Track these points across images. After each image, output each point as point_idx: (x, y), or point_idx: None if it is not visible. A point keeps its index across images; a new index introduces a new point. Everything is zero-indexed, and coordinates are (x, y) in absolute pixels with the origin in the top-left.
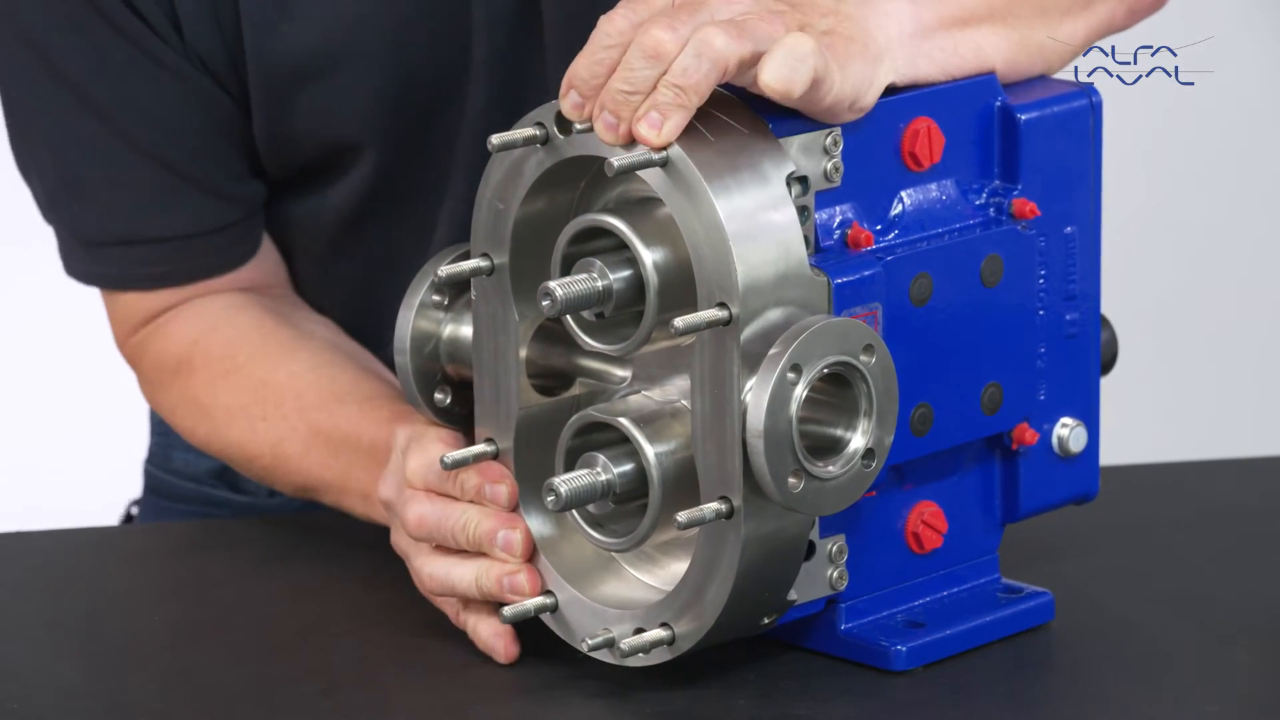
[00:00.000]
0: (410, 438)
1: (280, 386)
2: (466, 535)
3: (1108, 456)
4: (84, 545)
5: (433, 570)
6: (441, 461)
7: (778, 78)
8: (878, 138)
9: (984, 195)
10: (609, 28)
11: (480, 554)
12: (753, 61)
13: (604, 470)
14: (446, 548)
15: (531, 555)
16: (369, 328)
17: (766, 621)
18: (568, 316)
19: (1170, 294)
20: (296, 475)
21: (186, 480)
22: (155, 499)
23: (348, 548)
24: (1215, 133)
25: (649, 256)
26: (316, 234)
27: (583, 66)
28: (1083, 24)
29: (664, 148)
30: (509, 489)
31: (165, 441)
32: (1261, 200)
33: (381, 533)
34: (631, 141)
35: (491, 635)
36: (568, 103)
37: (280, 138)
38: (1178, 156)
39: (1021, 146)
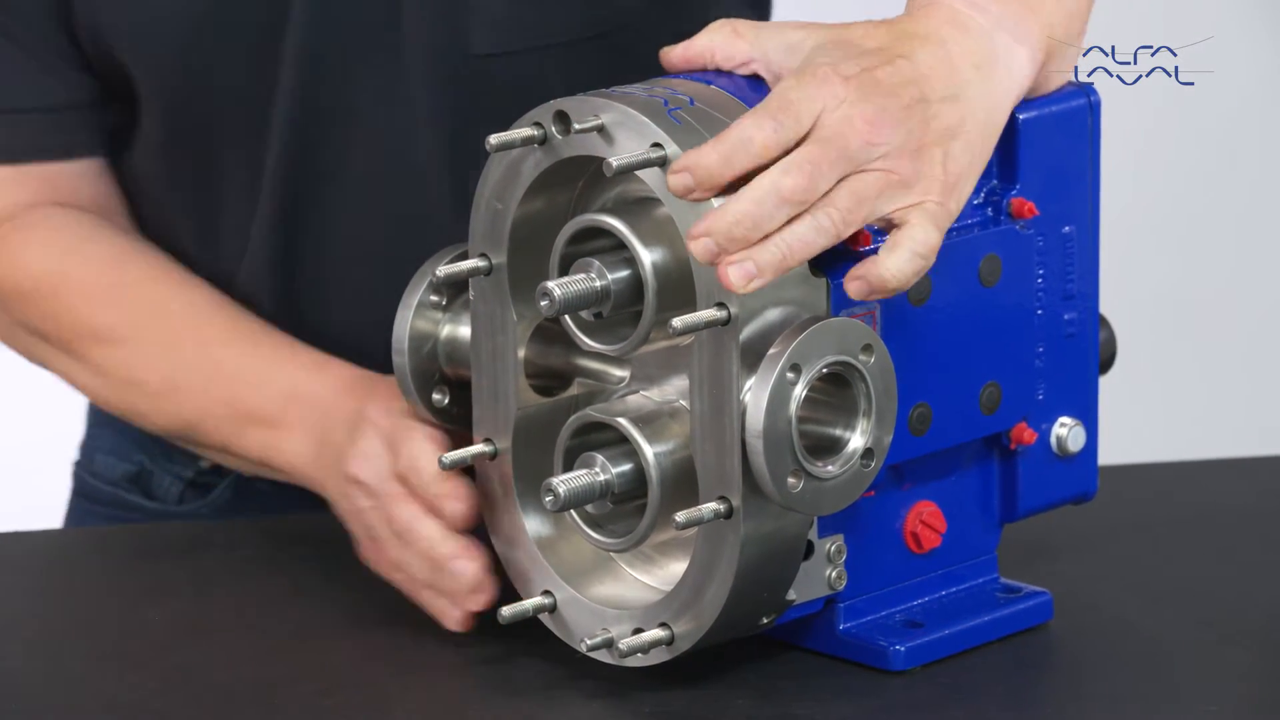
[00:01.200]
0: (395, 430)
1: (176, 315)
2: (426, 551)
3: (1106, 456)
4: (84, 545)
5: (397, 557)
6: (440, 461)
7: (897, 274)
8: None
9: (982, 195)
10: (754, 135)
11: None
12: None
13: (603, 470)
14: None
15: (484, 580)
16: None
17: (765, 621)
18: (566, 316)
19: (1169, 294)
20: (187, 409)
21: (105, 484)
22: (80, 501)
23: (347, 548)
24: (1214, 133)
25: (647, 256)
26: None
27: (716, 164)
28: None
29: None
30: (466, 509)
31: (91, 444)
32: (1261, 200)
33: None
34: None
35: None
36: (700, 249)
37: (92, 29)
38: (1177, 156)
39: (1020, 146)
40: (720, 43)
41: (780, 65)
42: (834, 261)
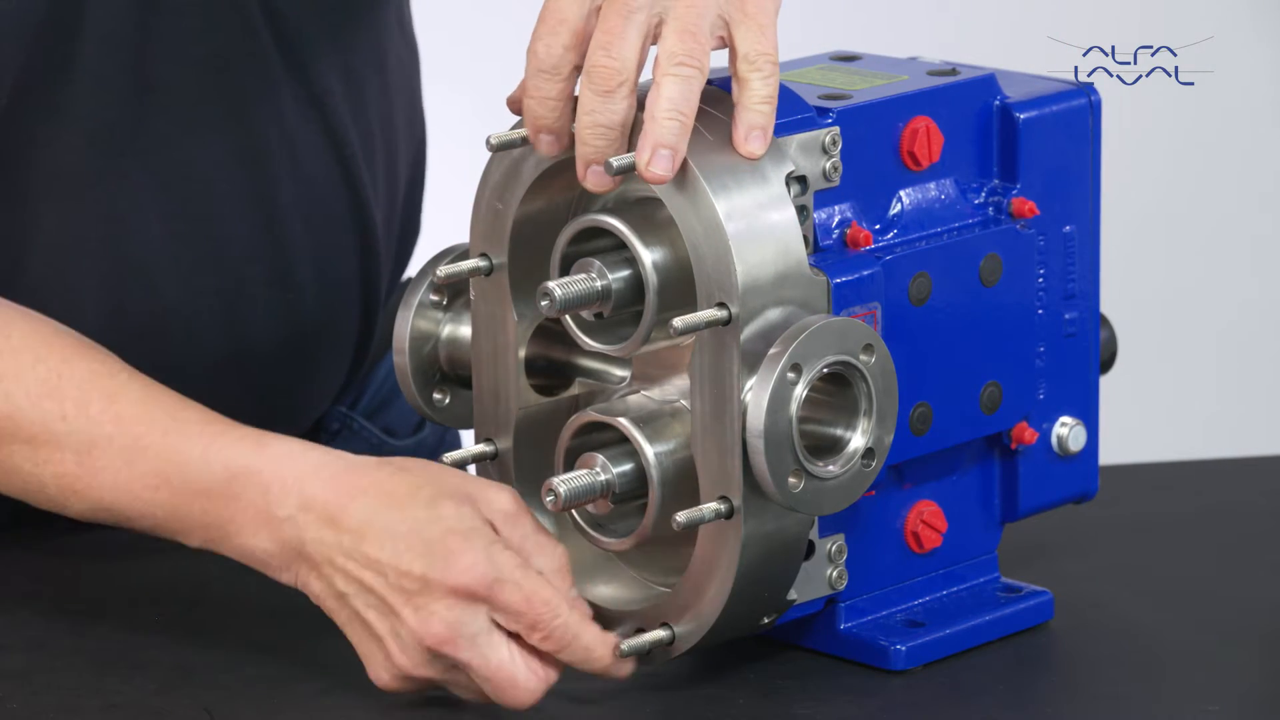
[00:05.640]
0: (514, 515)
1: (83, 382)
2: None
3: (1107, 456)
4: (84, 545)
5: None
6: (439, 461)
7: (764, 102)
8: (876, 137)
9: (983, 194)
10: (542, 59)
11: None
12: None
13: (603, 470)
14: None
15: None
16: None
17: (766, 621)
18: (567, 316)
19: (1169, 293)
20: (105, 492)
21: None
22: None
23: None
24: (1215, 133)
25: (648, 256)
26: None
27: (537, 104)
28: None
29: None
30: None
31: None
32: (1261, 200)
33: None
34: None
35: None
36: (543, 146)
37: None
38: (1177, 156)
39: (1020, 145)
40: None
41: None
42: (835, 261)
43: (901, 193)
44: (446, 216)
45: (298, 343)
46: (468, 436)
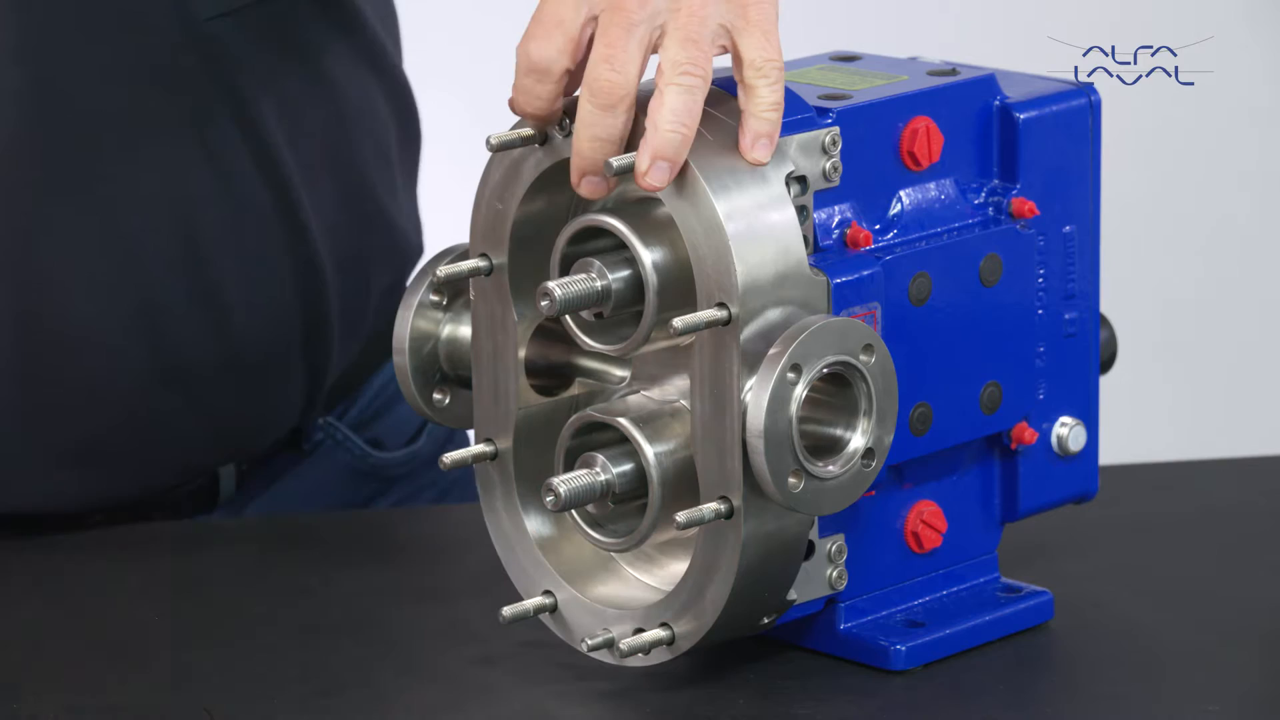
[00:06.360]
0: None
1: None
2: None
3: (1107, 456)
4: (84, 545)
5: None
6: (440, 462)
7: (771, 109)
8: (876, 137)
9: (983, 194)
10: (535, 59)
11: None
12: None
13: (603, 470)
14: None
15: None
16: None
17: (766, 621)
18: (567, 316)
19: (1169, 293)
20: None
21: None
22: None
23: (348, 548)
24: (1215, 133)
25: (648, 256)
26: None
27: (526, 103)
28: None
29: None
30: None
31: None
32: (1261, 200)
33: (380, 534)
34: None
35: None
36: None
37: None
38: (1178, 156)
39: (1020, 145)
40: None
41: None
42: (835, 261)
43: (901, 193)
44: (446, 216)
45: (235, 363)
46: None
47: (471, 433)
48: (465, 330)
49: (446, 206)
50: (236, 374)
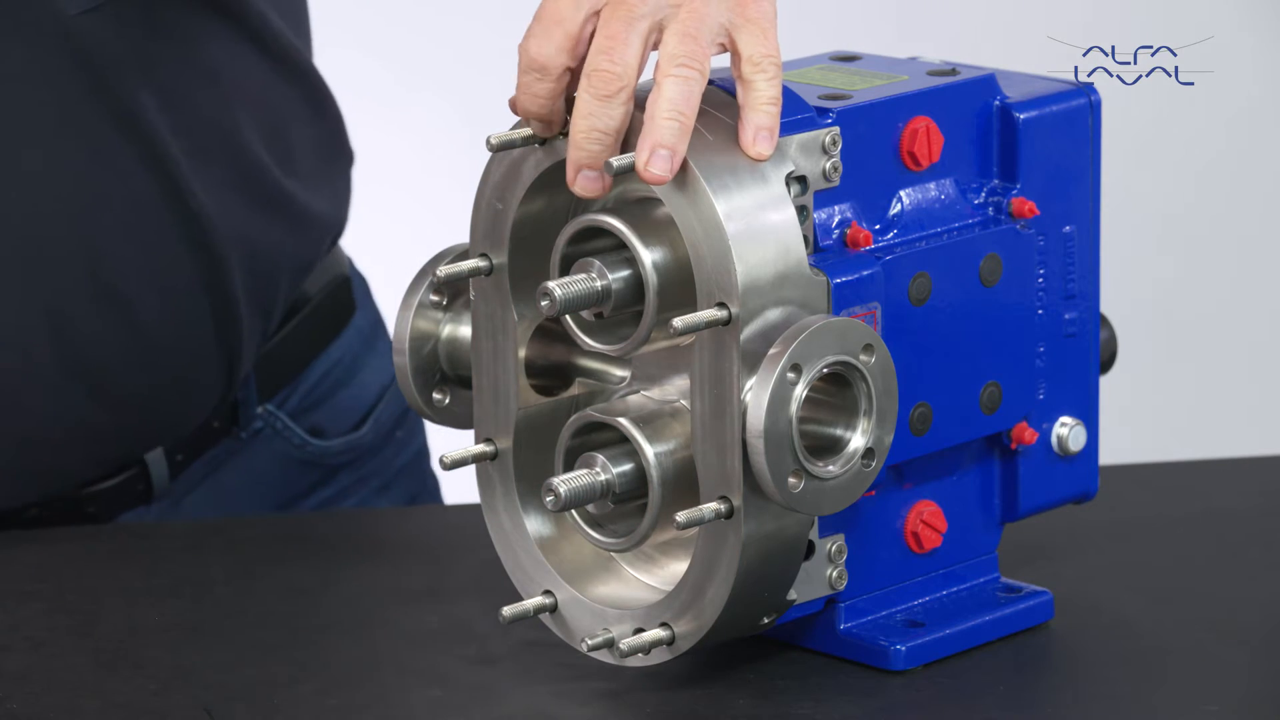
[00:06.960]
0: None
1: None
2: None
3: (1107, 456)
4: (84, 544)
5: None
6: (441, 462)
7: (769, 106)
8: (876, 137)
9: (983, 194)
10: (534, 57)
11: None
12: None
13: (603, 470)
14: None
15: None
16: None
17: (766, 621)
18: (567, 316)
19: (1169, 293)
20: None
21: None
22: None
23: (348, 548)
24: (1215, 133)
25: (648, 256)
26: None
27: (528, 101)
28: None
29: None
30: None
31: None
32: (1261, 200)
33: (380, 534)
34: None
35: None
36: (537, 129)
37: None
38: (1178, 156)
39: (1020, 145)
40: None
41: None
42: (835, 261)
43: (901, 193)
44: (446, 216)
45: (145, 353)
46: (455, 435)
47: (457, 432)
48: (465, 330)
49: (447, 206)
50: (147, 363)
